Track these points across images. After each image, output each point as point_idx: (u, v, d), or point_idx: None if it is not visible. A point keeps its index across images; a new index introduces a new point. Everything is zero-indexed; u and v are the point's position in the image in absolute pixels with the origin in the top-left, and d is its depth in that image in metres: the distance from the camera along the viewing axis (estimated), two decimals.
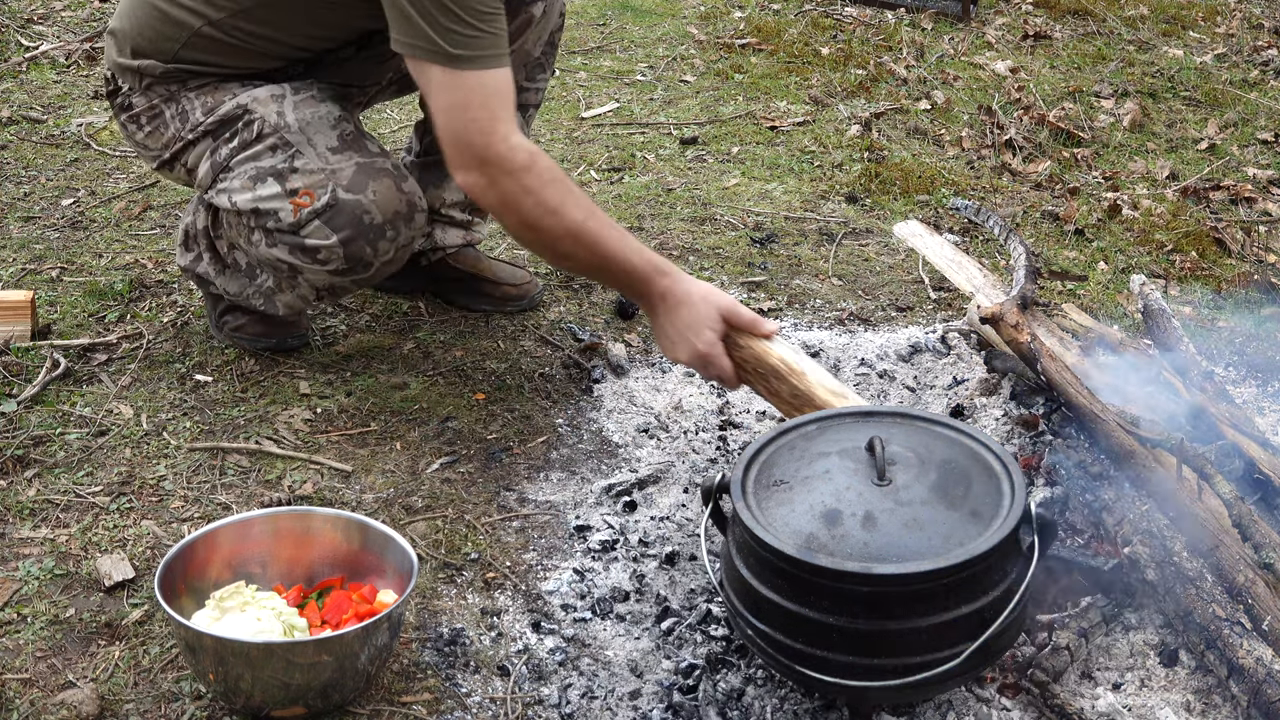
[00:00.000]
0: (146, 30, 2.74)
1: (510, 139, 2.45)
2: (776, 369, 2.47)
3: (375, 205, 2.63)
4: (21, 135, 4.11)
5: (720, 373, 2.52)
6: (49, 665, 2.17)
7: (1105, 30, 5.57)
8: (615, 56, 5.10)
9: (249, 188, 2.67)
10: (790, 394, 2.46)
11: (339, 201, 2.61)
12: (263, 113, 2.68)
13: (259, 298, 2.84)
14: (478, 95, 2.43)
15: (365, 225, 2.62)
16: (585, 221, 2.48)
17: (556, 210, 2.45)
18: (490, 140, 2.43)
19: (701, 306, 2.50)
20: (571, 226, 2.47)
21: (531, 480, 2.66)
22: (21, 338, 2.98)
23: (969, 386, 2.93)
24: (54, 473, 2.61)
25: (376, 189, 2.64)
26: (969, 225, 3.76)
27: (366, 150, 2.68)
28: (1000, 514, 2.03)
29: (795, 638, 2.01)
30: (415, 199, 2.70)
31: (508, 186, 2.44)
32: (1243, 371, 3.06)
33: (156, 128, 2.79)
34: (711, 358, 2.50)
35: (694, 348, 2.51)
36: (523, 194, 2.44)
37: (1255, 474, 2.37)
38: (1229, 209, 3.94)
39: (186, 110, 2.75)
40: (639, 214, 3.78)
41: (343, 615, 2.13)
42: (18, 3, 5.14)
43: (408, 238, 2.70)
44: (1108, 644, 2.23)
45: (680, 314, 2.52)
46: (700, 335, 2.50)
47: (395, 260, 2.73)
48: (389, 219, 2.65)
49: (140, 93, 2.78)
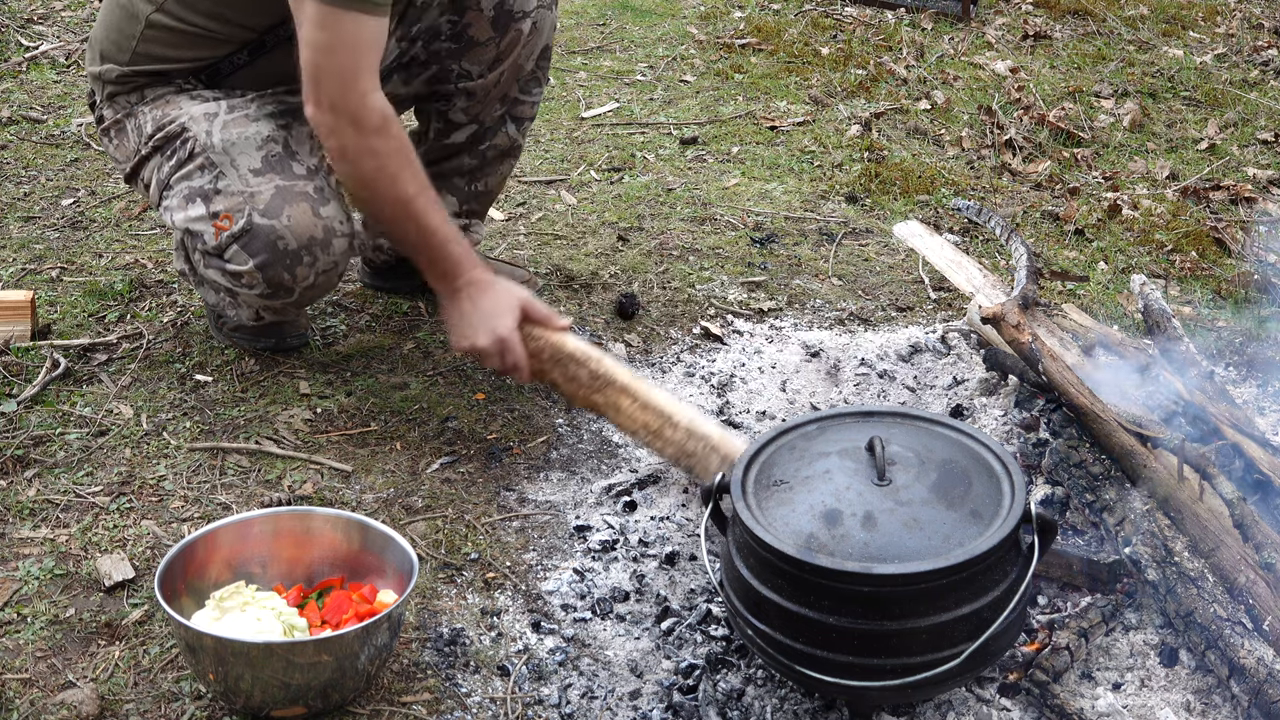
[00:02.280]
0: (111, 31, 2.77)
1: (369, 95, 2.47)
2: (574, 355, 2.56)
3: (289, 230, 2.61)
4: (21, 135, 4.11)
5: (516, 359, 2.56)
6: (49, 665, 2.17)
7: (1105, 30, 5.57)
8: (615, 56, 5.10)
9: (183, 207, 2.70)
10: (589, 376, 2.54)
11: (254, 226, 2.60)
12: (195, 131, 2.70)
13: (229, 309, 2.84)
14: (349, 40, 2.43)
15: (280, 251, 2.61)
16: (417, 196, 2.52)
17: (393, 178, 2.50)
18: (349, 90, 2.44)
19: (504, 295, 2.57)
20: (402, 196, 2.51)
21: (531, 480, 2.66)
22: (21, 338, 2.98)
23: (969, 386, 2.93)
24: (54, 473, 2.61)
25: (291, 214, 2.62)
26: (969, 225, 3.76)
27: (290, 172, 2.65)
28: (1000, 514, 2.03)
29: (795, 638, 2.01)
30: (333, 224, 2.66)
31: (354, 140, 2.47)
32: (1243, 371, 3.06)
33: (122, 140, 2.82)
34: (510, 343, 2.54)
35: (494, 332, 2.54)
36: (367, 153, 2.48)
37: (1255, 474, 2.37)
38: (1229, 209, 3.94)
39: (140, 124, 2.78)
40: (639, 214, 3.78)
41: (343, 615, 2.13)
42: (18, 3, 5.14)
43: (327, 263, 2.67)
44: (1108, 644, 2.23)
45: (483, 300, 2.57)
46: (501, 320, 2.54)
47: (319, 285, 2.71)
48: (304, 245, 2.63)
49: (107, 103, 2.82)
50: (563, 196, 3.88)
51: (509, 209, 3.80)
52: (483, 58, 2.97)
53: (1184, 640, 2.18)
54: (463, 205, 3.15)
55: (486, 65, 2.98)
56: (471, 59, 2.97)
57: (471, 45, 2.96)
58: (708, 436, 2.44)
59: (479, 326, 2.56)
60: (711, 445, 2.44)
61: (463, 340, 2.59)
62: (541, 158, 4.15)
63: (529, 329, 2.57)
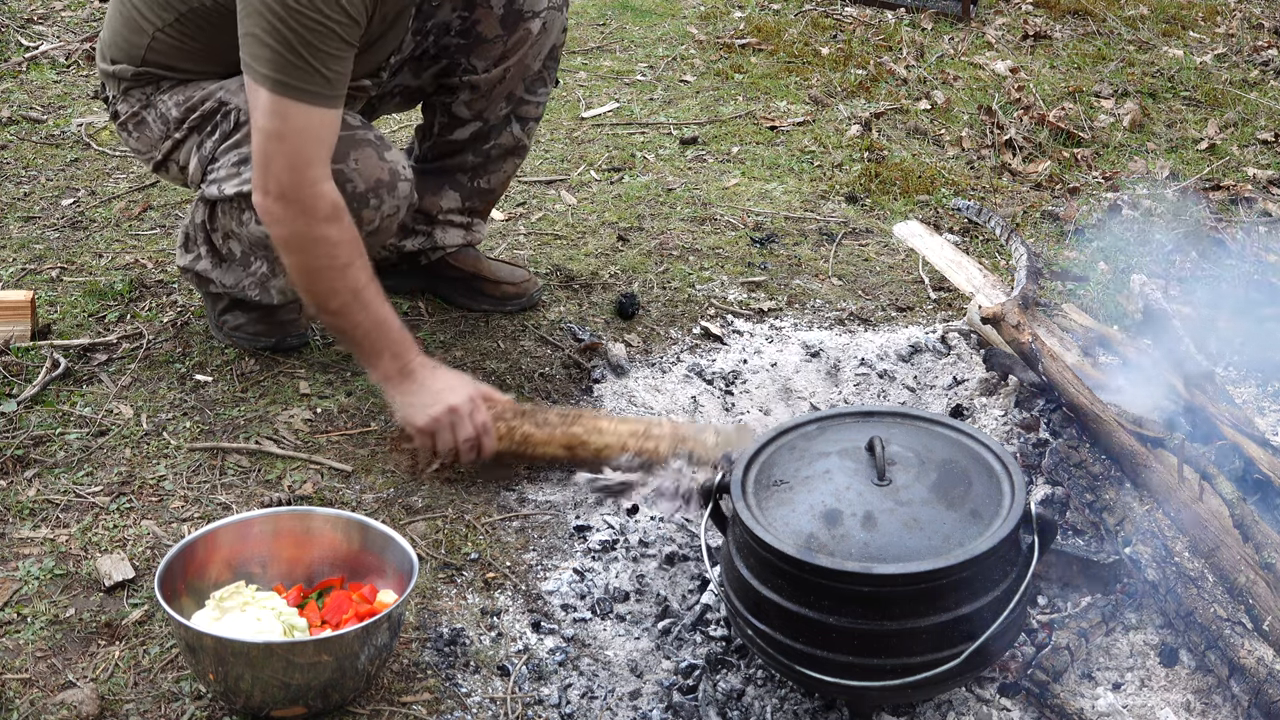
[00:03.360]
0: (118, 37, 2.78)
1: (320, 184, 2.46)
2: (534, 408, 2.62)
3: (357, 173, 2.64)
4: (21, 135, 4.11)
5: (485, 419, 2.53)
6: (49, 665, 2.17)
7: (1105, 30, 5.57)
8: (615, 56, 5.10)
9: (235, 174, 2.69)
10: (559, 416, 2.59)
11: None
12: (237, 102, 2.70)
13: (255, 288, 2.84)
14: (298, 129, 2.43)
15: (348, 194, 2.60)
16: (367, 285, 2.51)
17: (345, 267, 2.48)
18: (299, 179, 2.44)
19: (463, 377, 2.59)
20: (354, 285, 2.49)
21: (531, 480, 2.66)
22: (21, 338, 2.98)
23: (969, 386, 2.93)
24: (54, 473, 2.61)
25: (358, 157, 2.64)
26: (969, 225, 3.76)
27: (346, 123, 2.65)
28: (1000, 514, 2.03)
29: (795, 638, 2.01)
30: (398, 168, 2.70)
31: (302, 229, 2.46)
32: (1243, 371, 3.06)
33: (143, 132, 2.83)
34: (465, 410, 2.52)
35: (467, 392, 2.53)
36: (317, 241, 2.46)
37: (1255, 474, 2.37)
38: (1229, 209, 3.94)
39: (163, 112, 2.79)
40: (639, 214, 3.78)
41: (343, 615, 2.13)
42: (18, 3, 5.14)
43: (392, 207, 2.70)
44: (1108, 644, 2.23)
45: (443, 373, 2.57)
46: (466, 386, 2.55)
47: (381, 230, 2.73)
48: (371, 187, 2.66)
49: (122, 98, 2.84)
50: (563, 196, 3.88)
51: (509, 209, 3.80)
52: (489, 54, 2.98)
53: (1184, 640, 2.18)
54: (465, 202, 3.15)
55: (492, 61, 2.98)
56: (478, 54, 2.98)
57: (479, 41, 2.97)
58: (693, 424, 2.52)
59: (444, 393, 2.52)
60: (700, 427, 2.53)
61: (431, 407, 2.52)
62: (541, 158, 4.15)
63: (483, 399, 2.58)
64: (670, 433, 2.55)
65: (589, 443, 2.55)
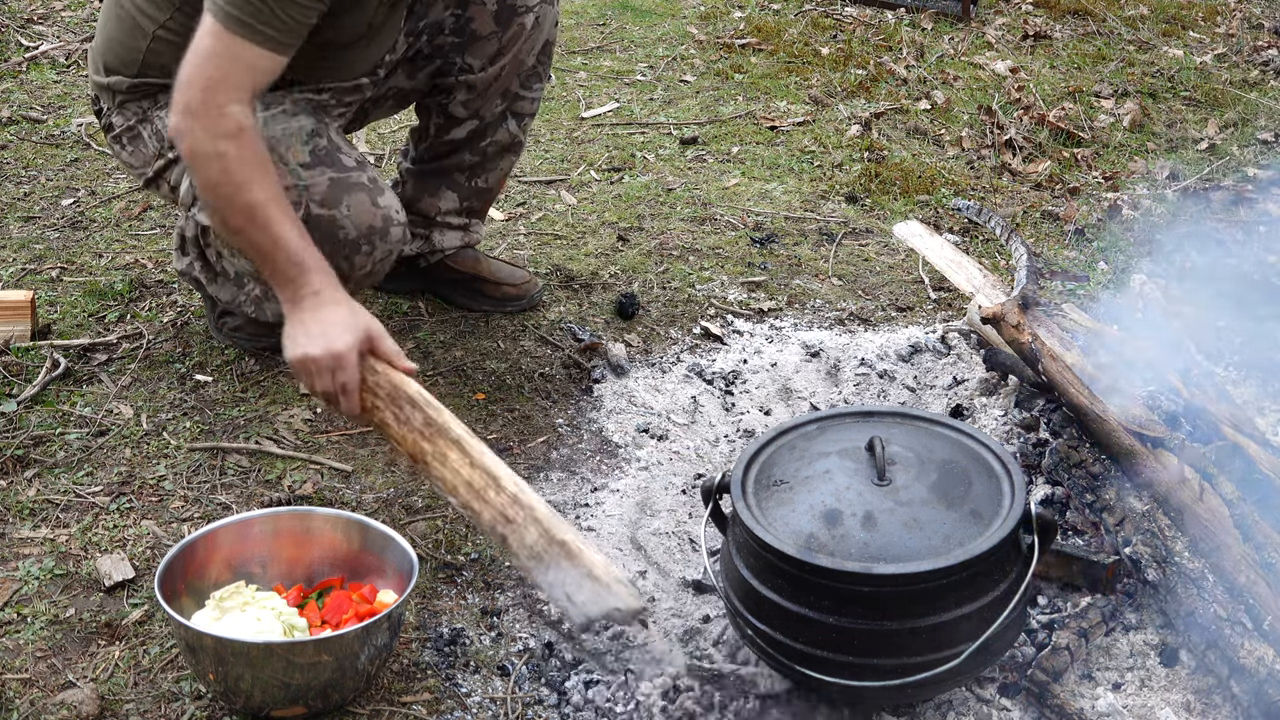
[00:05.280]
0: (114, 43, 2.75)
1: (228, 105, 2.37)
2: (413, 398, 2.26)
3: (350, 220, 2.61)
4: (21, 135, 4.11)
5: (348, 380, 2.29)
6: (49, 665, 2.17)
7: (1105, 30, 5.57)
8: (615, 56, 5.10)
9: None
10: (423, 421, 2.23)
11: (313, 217, 2.58)
12: None
13: (250, 305, 2.83)
14: (229, 58, 2.38)
15: (340, 240, 2.59)
16: (266, 203, 2.36)
17: (241, 183, 2.36)
18: (209, 96, 2.36)
19: (356, 315, 2.35)
20: (251, 202, 2.35)
21: (531, 480, 2.66)
22: (21, 338, 2.98)
23: (969, 386, 2.93)
24: (54, 473, 2.61)
25: (351, 204, 2.62)
26: (969, 225, 3.76)
27: (340, 165, 2.65)
28: (1000, 514, 2.03)
29: (795, 638, 2.01)
30: (391, 213, 2.67)
31: (202, 144, 2.36)
32: (1243, 371, 3.06)
33: (137, 147, 2.81)
34: (347, 360, 2.29)
35: (331, 346, 2.29)
36: (213, 156, 2.36)
37: (1255, 474, 2.37)
38: (1228, 209, 3.94)
39: (159, 129, 2.76)
40: (639, 214, 3.78)
41: (343, 615, 2.13)
42: (18, 3, 5.14)
43: (384, 252, 2.68)
44: (1108, 644, 2.23)
45: (328, 312, 2.35)
46: (341, 337, 2.30)
47: (373, 274, 2.71)
48: (363, 234, 2.63)
49: (116, 111, 2.81)
50: (563, 196, 3.88)
51: (509, 209, 3.80)
52: (484, 51, 2.97)
53: (1184, 640, 2.18)
54: (463, 202, 3.15)
55: (488, 59, 2.98)
56: (473, 53, 2.97)
57: (474, 39, 2.96)
58: (532, 507, 2.10)
59: (315, 338, 2.31)
60: (534, 516, 2.09)
61: (295, 348, 2.34)
62: (541, 158, 4.15)
63: (371, 362, 2.31)
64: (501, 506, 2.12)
65: (429, 466, 2.25)
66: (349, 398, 2.28)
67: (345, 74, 2.78)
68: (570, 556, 2.00)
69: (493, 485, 2.13)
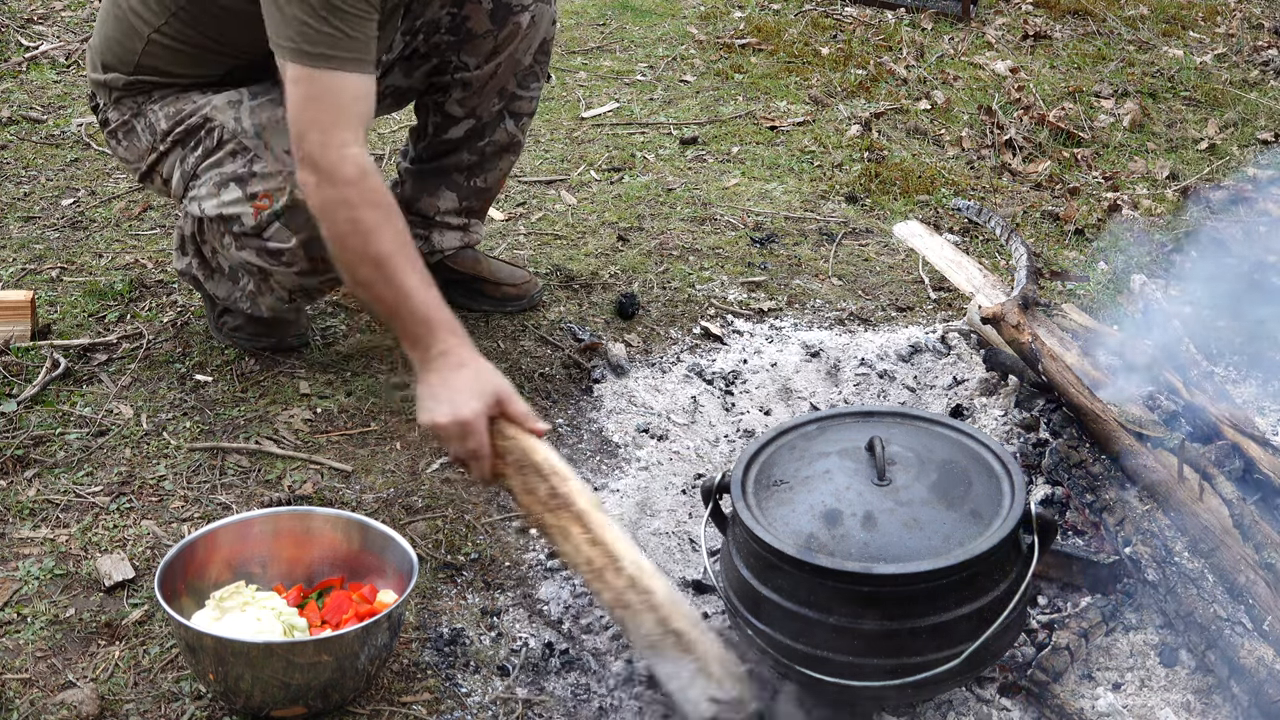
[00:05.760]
0: (111, 43, 2.77)
1: (346, 147, 2.35)
2: (539, 466, 2.21)
3: None
4: (21, 135, 4.11)
5: (478, 448, 2.23)
6: (49, 665, 2.17)
7: (1105, 30, 5.57)
8: (615, 56, 5.10)
9: (214, 194, 2.68)
10: (548, 493, 2.19)
11: (297, 203, 2.58)
12: (221, 119, 2.69)
13: (245, 300, 2.84)
14: (327, 95, 2.37)
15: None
16: (393, 254, 2.31)
17: (369, 232, 2.32)
18: (326, 142, 2.34)
19: (483, 378, 2.29)
20: (377, 253, 2.31)
21: None
22: (21, 338, 2.98)
23: (969, 386, 2.93)
24: (54, 473, 2.61)
25: None
26: (969, 225, 3.76)
27: None
28: (1000, 514, 2.03)
29: (795, 638, 2.01)
30: None
31: (328, 194, 2.34)
32: (1243, 371, 3.07)
33: (132, 142, 2.82)
34: (475, 428, 2.22)
35: (460, 412, 2.23)
36: (340, 205, 2.33)
37: (1255, 474, 2.37)
38: (1229, 209, 3.94)
39: (153, 122, 2.77)
40: (639, 214, 3.78)
41: (343, 615, 2.13)
42: (18, 3, 5.14)
43: None
44: (1108, 644, 2.23)
45: (459, 375, 2.28)
46: (470, 403, 2.24)
47: None
48: None
49: (113, 107, 2.82)
50: (563, 196, 3.88)
51: (509, 209, 3.80)
52: (480, 50, 2.98)
53: (1184, 640, 2.18)
54: (462, 202, 3.15)
55: (483, 57, 2.98)
56: (469, 51, 2.98)
57: (470, 38, 2.97)
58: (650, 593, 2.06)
59: (444, 402, 2.25)
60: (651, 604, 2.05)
61: (424, 414, 2.28)
62: (541, 158, 4.15)
63: (502, 425, 2.25)
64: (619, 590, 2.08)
65: (553, 538, 2.22)
66: (480, 464, 2.24)
67: None
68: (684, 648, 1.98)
69: (611, 567, 2.08)
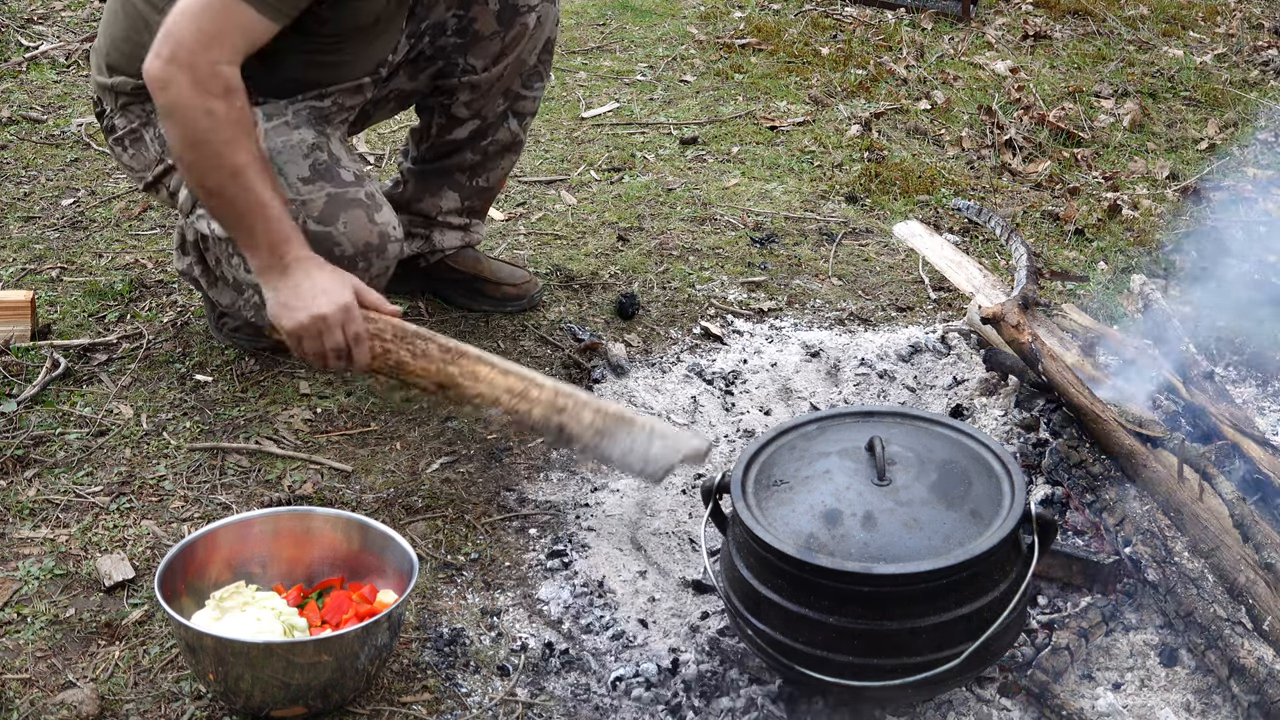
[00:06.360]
0: (119, 41, 2.72)
1: (221, 65, 2.34)
2: (419, 332, 2.36)
3: (346, 237, 2.60)
4: (21, 135, 4.11)
5: (360, 330, 2.35)
6: (49, 665, 2.17)
7: (1105, 30, 5.57)
8: (615, 56, 5.10)
9: None
10: (440, 349, 2.34)
11: (309, 233, 2.55)
12: None
13: (249, 310, 2.82)
14: (222, 14, 2.34)
15: (336, 257, 2.56)
16: (249, 165, 2.35)
17: (226, 142, 2.34)
18: (200, 50, 2.32)
19: (338, 272, 2.41)
20: (234, 163, 2.34)
21: (531, 480, 2.66)
22: (21, 338, 2.98)
23: (969, 386, 2.93)
24: (54, 473, 2.61)
25: (347, 220, 2.61)
26: (969, 225, 3.77)
27: (339, 180, 2.64)
28: (1000, 514, 2.03)
29: (795, 638, 2.01)
30: (388, 229, 2.66)
31: (188, 97, 2.32)
32: (1243, 371, 3.07)
33: (139, 150, 2.79)
34: (354, 312, 2.35)
35: (337, 300, 2.35)
36: (205, 113, 2.33)
37: (1255, 474, 2.37)
38: (1229, 209, 3.94)
39: (161, 133, 2.72)
40: (639, 214, 3.78)
41: (343, 615, 2.13)
42: (18, 3, 5.14)
43: (380, 268, 2.67)
44: (1108, 644, 2.23)
45: (319, 274, 2.39)
46: (341, 292, 2.36)
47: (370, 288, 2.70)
48: (360, 251, 2.62)
49: (120, 113, 2.78)
50: (563, 196, 3.88)
51: (509, 209, 3.80)
52: (487, 51, 2.97)
53: (1184, 640, 2.18)
54: (464, 202, 3.15)
55: (491, 59, 2.98)
56: (476, 53, 2.97)
57: (477, 39, 2.96)
58: (576, 393, 2.27)
59: (319, 295, 2.34)
60: (582, 399, 2.28)
61: (298, 312, 2.36)
62: (541, 158, 4.15)
63: (363, 310, 2.39)
64: (548, 399, 2.31)
65: (463, 387, 2.36)
66: (360, 347, 2.35)
67: (349, 73, 2.77)
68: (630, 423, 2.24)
69: (533, 384, 2.30)
